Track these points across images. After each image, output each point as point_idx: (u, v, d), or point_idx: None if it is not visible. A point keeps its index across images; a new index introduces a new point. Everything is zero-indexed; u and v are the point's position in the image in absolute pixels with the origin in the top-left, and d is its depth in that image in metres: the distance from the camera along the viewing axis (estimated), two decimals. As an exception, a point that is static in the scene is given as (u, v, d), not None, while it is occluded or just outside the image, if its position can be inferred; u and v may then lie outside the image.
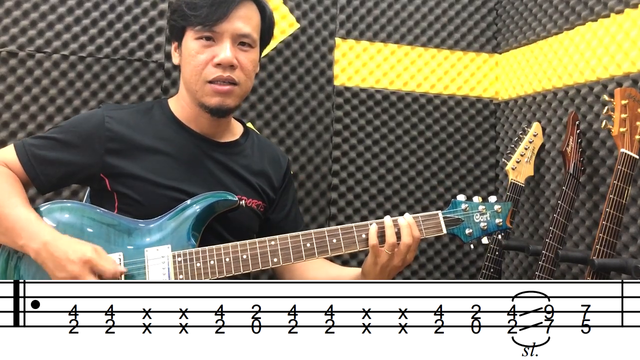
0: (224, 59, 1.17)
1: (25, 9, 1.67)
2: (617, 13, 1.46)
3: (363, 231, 1.16)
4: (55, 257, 1.04)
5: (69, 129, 1.21)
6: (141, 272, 1.11)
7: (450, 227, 1.19)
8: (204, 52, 1.19)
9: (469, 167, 1.97)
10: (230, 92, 1.21)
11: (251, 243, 1.13)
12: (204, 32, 1.18)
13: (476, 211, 1.21)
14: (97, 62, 1.72)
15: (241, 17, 1.19)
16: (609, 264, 1.26)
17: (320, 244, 1.14)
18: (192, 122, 1.28)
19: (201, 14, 1.17)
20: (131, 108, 1.30)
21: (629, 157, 1.29)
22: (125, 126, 1.22)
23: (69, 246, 1.05)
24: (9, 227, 1.09)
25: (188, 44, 1.21)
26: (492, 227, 1.21)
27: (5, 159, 1.18)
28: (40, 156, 1.18)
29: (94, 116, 1.24)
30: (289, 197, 1.41)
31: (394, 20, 1.93)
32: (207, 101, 1.21)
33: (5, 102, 1.66)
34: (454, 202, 1.22)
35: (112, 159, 1.20)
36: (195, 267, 1.11)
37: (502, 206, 1.22)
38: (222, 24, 1.17)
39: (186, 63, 1.22)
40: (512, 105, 1.92)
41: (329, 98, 1.88)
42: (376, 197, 1.90)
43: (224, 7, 1.17)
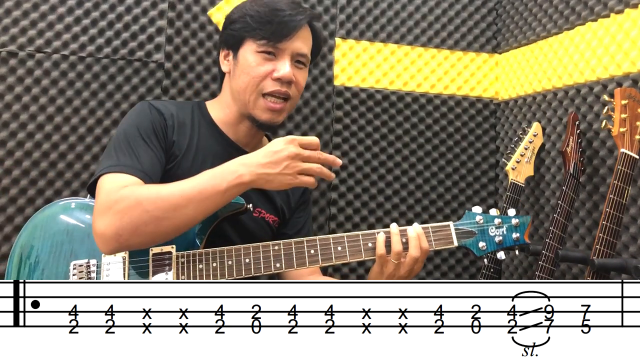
0: (284, 74, 1.22)
1: (25, 9, 1.67)
2: (617, 13, 1.46)
3: (369, 240, 1.13)
4: (264, 162, 1.06)
5: (146, 131, 1.18)
6: (144, 271, 1.11)
7: (462, 239, 1.14)
8: (264, 64, 1.23)
9: (469, 167, 1.97)
10: (283, 109, 1.26)
11: (254, 247, 1.12)
12: (267, 47, 1.22)
13: (492, 224, 1.16)
14: (97, 62, 1.71)
15: (301, 38, 1.25)
16: (609, 264, 1.26)
17: (325, 251, 1.12)
18: (229, 129, 1.31)
19: (268, 30, 1.21)
20: (173, 104, 1.33)
21: (629, 157, 1.29)
22: (174, 121, 1.25)
23: (255, 154, 1.09)
24: (202, 192, 1.05)
25: (247, 56, 1.24)
26: (508, 242, 1.15)
27: (121, 184, 1.08)
28: (148, 165, 1.14)
29: (150, 110, 1.23)
30: (304, 216, 1.44)
31: (394, 20, 1.93)
32: (258, 115, 1.24)
33: (5, 102, 1.66)
34: (467, 214, 1.17)
35: (168, 151, 1.22)
36: (197, 268, 1.11)
37: (520, 220, 1.16)
38: (286, 42, 1.22)
39: (242, 73, 1.24)
40: (512, 105, 1.92)
41: (329, 98, 1.88)
42: (376, 197, 1.90)
43: (290, 27, 1.22)
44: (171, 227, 1.05)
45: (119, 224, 1.02)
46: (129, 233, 1.02)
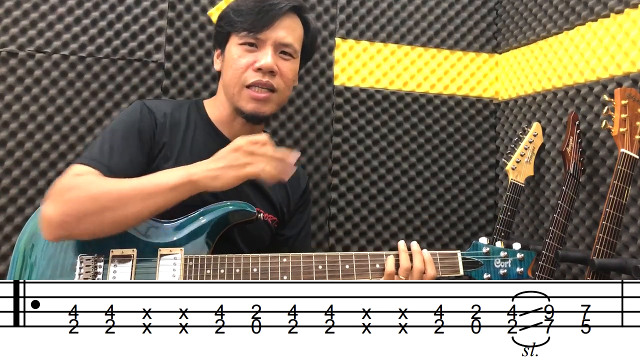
0: (264, 64, 1.20)
1: (25, 9, 1.67)
2: (617, 13, 1.46)
3: (377, 261, 1.16)
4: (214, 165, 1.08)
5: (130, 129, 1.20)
6: (151, 272, 1.11)
7: (468, 269, 1.17)
8: (245, 56, 1.22)
9: (469, 167, 1.97)
10: (267, 99, 1.24)
11: (263, 257, 1.13)
12: (248, 38, 1.22)
13: (497, 256, 1.18)
14: (97, 62, 1.71)
15: (285, 27, 1.24)
16: (609, 264, 1.26)
17: (332, 268, 1.15)
18: (225, 127, 1.30)
19: (247, 20, 1.21)
20: (169, 103, 1.33)
21: (629, 157, 1.29)
22: (167, 121, 1.25)
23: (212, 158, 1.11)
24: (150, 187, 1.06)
25: (231, 49, 1.24)
26: (512, 275, 1.18)
27: (78, 174, 1.11)
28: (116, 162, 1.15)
29: (141, 110, 1.24)
30: (304, 217, 1.43)
31: (394, 20, 1.93)
32: (243, 106, 1.23)
33: (5, 102, 1.66)
34: (474, 244, 1.20)
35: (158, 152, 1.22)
36: (205, 273, 1.11)
37: (525, 255, 1.19)
38: (266, 31, 1.21)
39: (227, 67, 1.25)
40: (512, 105, 1.92)
41: (329, 98, 1.88)
42: (376, 197, 1.90)
43: (269, 16, 1.21)
44: (115, 219, 1.06)
45: (66, 210, 1.03)
46: (74, 220, 1.04)
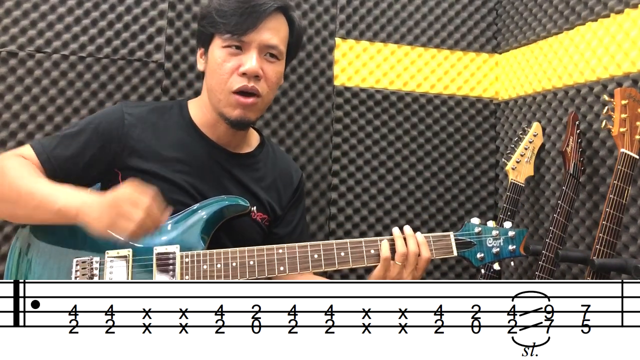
0: (249, 68, 1.17)
1: (25, 9, 1.67)
2: (617, 13, 1.46)
3: (372, 247, 1.15)
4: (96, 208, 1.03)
5: (87, 126, 1.21)
6: (149, 270, 1.11)
7: (461, 249, 1.18)
8: (230, 60, 1.19)
9: (469, 167, 1.97)
10: (253, 105, 1.21)
11: (259, 250, 1.13)
12: (232, 41, 1.18)
13: (489, 235, 1.19)
14: (97, 62, 1.71)
15: (270, 29, 1.20)
16: (609, 264, 1.26)
17: (328, 256, 1.14)
18: (209, 130, 1.28)
19: (230, 22, 1.17)
20: (150, 106, 1.31)
21: (629, 157, 1.29)
22: (142, 124, 1.23)
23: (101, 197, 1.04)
24: (41, 201, 1.07)
25: (215, 52, 1.21)
26: (504, 253, 1.18)
27: (23, 154, 1.18)
28: (58, 154, 1.18)
29: (114, 112, 1.24)
30: (297, 214, 1.41)
31: (394, 20, 1.93)
32: (228, 112, 1.21)
33: (5, 102, 1.66)
34: (467, 225, 1.20)
35: (129, 155, 1.21)
36: (202, 269, 1.11)
37: (516, 232, 1.19)
38: (250, 33, 1.17)
39: (212, 71, 1.21)
40: (512, 105, 1.92)
41: (329, 98, 1.87)
42: (376, 197, 1.90)
43: (254, 17, 1.17)
44: (6, 212, 1.15)
45: None
46: None
